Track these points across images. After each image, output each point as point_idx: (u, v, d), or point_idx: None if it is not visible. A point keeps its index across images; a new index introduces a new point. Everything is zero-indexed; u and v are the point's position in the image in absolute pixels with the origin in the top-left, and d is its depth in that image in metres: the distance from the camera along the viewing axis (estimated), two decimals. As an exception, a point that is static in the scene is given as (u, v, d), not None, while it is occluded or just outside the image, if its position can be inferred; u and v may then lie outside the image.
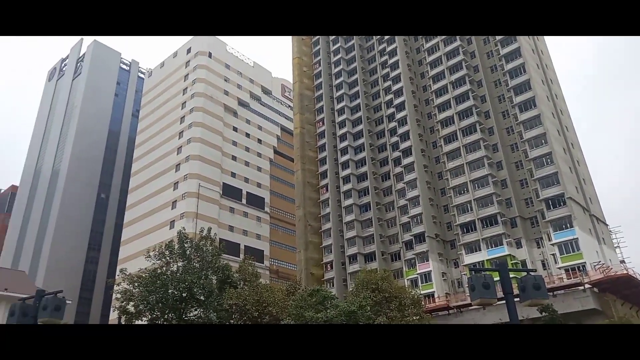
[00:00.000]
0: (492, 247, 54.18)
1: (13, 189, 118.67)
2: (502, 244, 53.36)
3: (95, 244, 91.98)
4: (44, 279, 78.45)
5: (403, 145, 65.59)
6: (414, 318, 35.12)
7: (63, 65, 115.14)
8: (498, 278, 11.27)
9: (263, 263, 74.73)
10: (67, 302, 12.93)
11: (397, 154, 67.06)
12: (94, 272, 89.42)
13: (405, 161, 64.63)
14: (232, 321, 34.80)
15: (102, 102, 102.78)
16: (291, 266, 79.78)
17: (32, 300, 11.83)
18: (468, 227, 56.99)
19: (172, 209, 75.17)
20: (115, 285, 35.29)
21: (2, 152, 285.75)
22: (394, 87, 70.00)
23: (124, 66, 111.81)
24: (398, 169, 66.33)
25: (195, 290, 31.87)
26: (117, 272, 63.39)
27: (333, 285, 63.26)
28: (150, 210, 78.53)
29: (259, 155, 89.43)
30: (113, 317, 65.13)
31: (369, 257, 65.04)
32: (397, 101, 68.79)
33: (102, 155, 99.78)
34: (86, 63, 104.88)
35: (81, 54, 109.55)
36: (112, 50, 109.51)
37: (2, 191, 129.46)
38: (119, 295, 31.85)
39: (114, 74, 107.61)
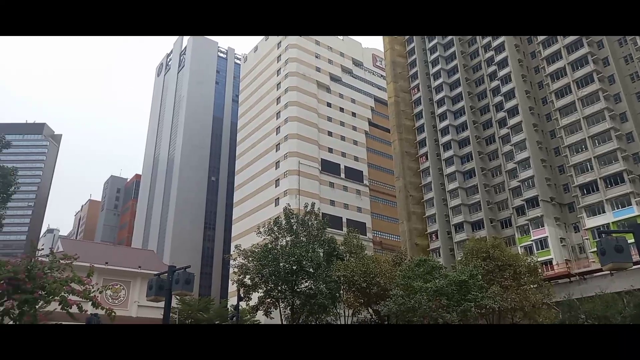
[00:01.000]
0: (618, 208, 48.90)
1: (137, 177, 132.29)
2: (631, 204, 47.90)
3: (210, 223, 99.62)
4: (170, 257, 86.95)
5: (508, 105, 61.10)
6: (531, 286, 33.16)
7: (168, 60, 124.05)
8: (632, 240, 10.07)
9: (366, 235, 75.27)
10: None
11: (501, 114, 62.76)
12: (212, 249, 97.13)
13: (512, 121, 60.25)
14: (341, 292, 35.68)
15: (205, 90, 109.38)
16: (394, 237, 79.46)
17: (166, 275, 12.99)
18: (588, 187, 51.92)
19: (275, 187, 78.41)
20: (231, 260, 37.85)
21: (128, 146, 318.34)
22: (495, 43, 65.07)
23: (222, 54, 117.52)
24: (504, 131, 62.12)
25: (304, 263, 33.06)
26: (232, 248, 68.17)
27: (439, 255, 61.90)
28: (256, 189, 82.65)
29: (354, 128, 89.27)
30: (232, 289, 70.45)
31: (477, 225, 62.38)
32: (498, 58, 63.92)
33: (209, 140, 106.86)
34: (188, 56, 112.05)
35: (183, 48, 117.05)
36: (210, 41, 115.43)
37: (128, 180, 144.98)
38: (236, 270, 34.16)
39: (213, 63, 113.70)
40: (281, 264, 32.73)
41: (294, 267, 33.14)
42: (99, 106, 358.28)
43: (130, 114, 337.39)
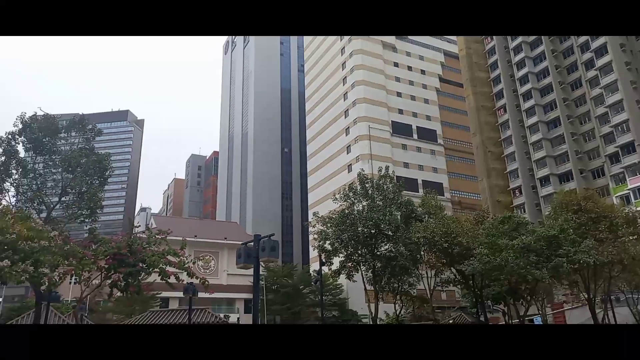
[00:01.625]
0: None
1: (215, 154, 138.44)
2: None
3: (287, 193, 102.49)
4: (252, 227, 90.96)
5: (595, 44, 55.63)
6: (630, 238, 30.72)
7: (234, 37, 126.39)
8: None
9: (443, 195, 73.48)
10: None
11: (588, 55, 57.37)
12: (290, 218, 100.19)
13: (600, 62, 54.91)
14: (422, 253, 35.37)
15: (271, 63, 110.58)
16: (474, 196, 76.89)
17: (253, 244, 13.54)
18: (696, 127, 46.52)
19: (347, 153, 78.44)
20: (310, 227, 38.76)
21: (205, 124, 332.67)
22: (576, -24, 58.92)
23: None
24: (591, 73, 56.88)
25: (382, 226, 33.04)
26: (310, 216, 69.88)
27: (524, 211, 59.13)
28: (328, 157, 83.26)
29: (424, 87, 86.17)
30: (313, 255, 72.58)
31: (564, 177, 58.53)
32: (581, -8, 57.93)
33: (279, 112, 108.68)
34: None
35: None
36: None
37: (207, 157, 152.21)
38: (315, 236, 34.96)
39: (276, 35, 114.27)
40: (359, 229, 32.97)
41: (373, 231, 33.25)
42: (174, 91, 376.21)
43: (204, 94, 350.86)
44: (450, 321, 42.12)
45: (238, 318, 44.88)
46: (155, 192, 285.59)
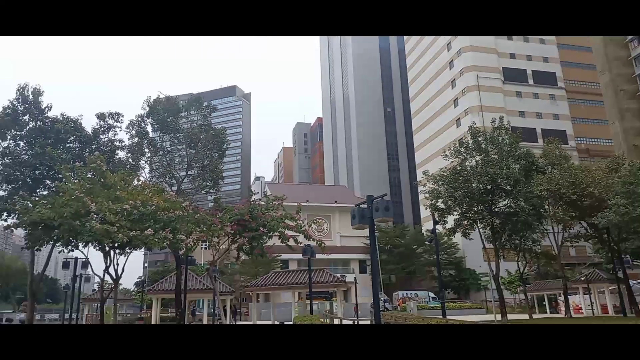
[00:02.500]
0: None
1: (319, 121, 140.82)
2: None
3: (392, 154, 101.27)
4: (360, 190, 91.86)
5: None
6: None
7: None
8: None
9: (567, 144, 66.97)
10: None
11: None
12: (398, 178, 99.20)
13: None
14: (546, 207, 32.87)
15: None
16: (604, 142, 69.01)
17: (366, 205, 13.56)
18: None
19: (454, 107, 74.66)
20: (420, 187, 37.90)
21: (307, 90, 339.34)
22: None
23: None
24: None
25: (499, 181, 31.14)
26: (419, 175, 68.42)
27: (668, 155, 51.62)
28: (433, 113, 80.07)
29: (539, 25, 77.81)
30: (424, 215, 71.49)
31: None
32: None
33: (379, 73, 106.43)
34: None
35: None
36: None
37: (311, 124, 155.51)
38: (427, 195, 34.10)
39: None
40: (474, 185, 31.43)
41: (489, 187, 31.50)
42: (276, 61, 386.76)
43: (304, 61, 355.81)
44: (582, 278, 39.05)
45: (355, 278, 46.10)
46: (267, 162, 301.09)
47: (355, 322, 20.83)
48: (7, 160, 22.86)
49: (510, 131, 35.15)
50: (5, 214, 22.60)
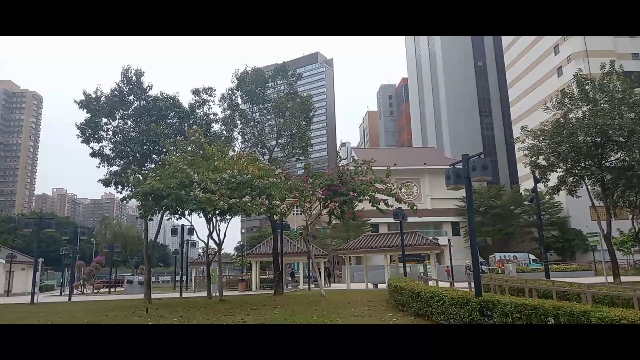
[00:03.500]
0: None
1: (404, 81, 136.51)
2: None
3: (485, 111, 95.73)
4: (450, 150, 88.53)
5: None
6: None
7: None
8: None
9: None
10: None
11: None
12: (491, 137, 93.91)
13: None
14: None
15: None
16: None
17: (461, 164, 12.95)
18: None
19: (554, 55, 68.20)
20: (518, 144, 35.51)
21: (391, 51, 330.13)
22: None
23: None
24: None
25: (610, 132, 28.12)
26: (515, 132, 64.13)
27: None
28: (531, 63, 73.85)
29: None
30: (522, 173, 67.42)
31: None
32: None
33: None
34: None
35: None
36: None
37: (396, 86, 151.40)
38: (525, 152, 31.90)
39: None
40: (580, 138, 28.68)
41: (598, 139, 28.59)
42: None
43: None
44: None
45: (449, 240, 45.13)
46: (352, 127, 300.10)
47: (452, 284, 20.48)
48: (119, 138, 25.06)
49: (623, 76, 31.40)
50: (120, 186, 24.98)
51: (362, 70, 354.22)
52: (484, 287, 14.55)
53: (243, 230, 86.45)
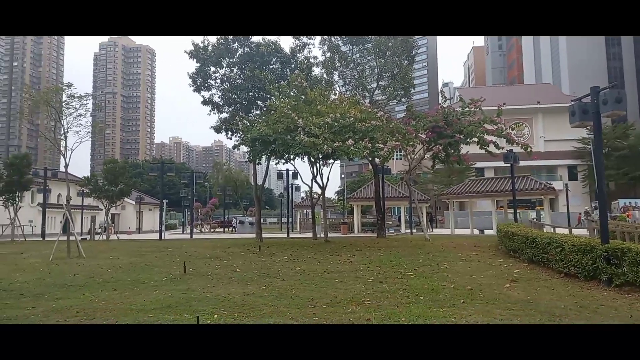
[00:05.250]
0: None
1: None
2: None
3: (612, 39, 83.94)
4: (569, 86, 79.98)
5: None
6: None
7: None
8: None
9: None
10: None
11: None
12: (620, 69, 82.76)
13: None
14: None
15: None
16: None
17: (589, 98, 11.55)
18: None
19: None
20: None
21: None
22: None
23: None
24: None
25: None
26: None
27: None
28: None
29: None
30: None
31: None
32: None
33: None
34: None
35: None
36: None
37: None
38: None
39: None
40: None
41: None
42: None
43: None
44: None
45: (566, 185, 41.74)
46: (455, 66, 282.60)
47: (570, 230, 18.94)
48: (226, 86, 26.17)
49: None
50: (229, 132, 26.37)
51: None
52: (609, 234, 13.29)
53: (343, 175, 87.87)
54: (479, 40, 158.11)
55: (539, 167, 56.26)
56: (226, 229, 51.29)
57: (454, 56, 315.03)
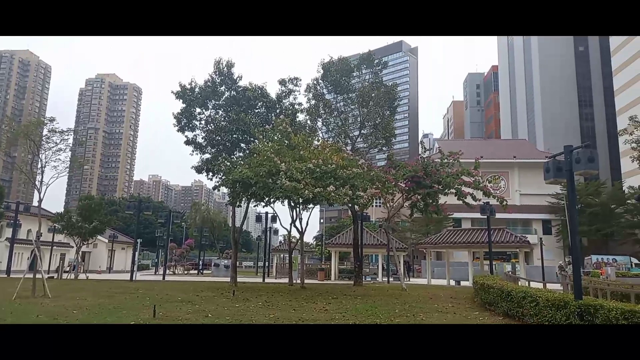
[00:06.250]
0: None
1: (494, 69, 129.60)
2: None
3: (585, 100, 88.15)
4: (543, 143, 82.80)
5: None
6: None
7: None
8: None
9: None
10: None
11: None
12: (592, 128, 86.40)
13: None
14: None
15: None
16: None
17: (563, 157, 11.96)
18: None
19: (671, 37, 60.87)
20: (625, 136, 32.28)
21: (480, 40, 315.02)
22: None
23: None
24: None
25: None
26: (621, 122, 58.39)
27: None
28: (641, 47, 66.60)
29: None
30: (626, 169, 61.40)
31: None
32: None
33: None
34: None
35: None
36: None
37: (485, 74, 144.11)
38: (634, 145, 28.96)
39: None
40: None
41: None
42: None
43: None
44: None
45: (541, 238, 42.39)
46: (435, 118, 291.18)
47: (544, 285, 19.13)
48: (211, 127, 26.37)
49: None
50: (210, 173, 26.32)
51: (449, 58, 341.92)
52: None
53: (322, 220, 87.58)
54: (459, 95, 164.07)
55: (514, 220, 57.15)
56: (200, 272, 50.12)
57: (434, 108, 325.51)
